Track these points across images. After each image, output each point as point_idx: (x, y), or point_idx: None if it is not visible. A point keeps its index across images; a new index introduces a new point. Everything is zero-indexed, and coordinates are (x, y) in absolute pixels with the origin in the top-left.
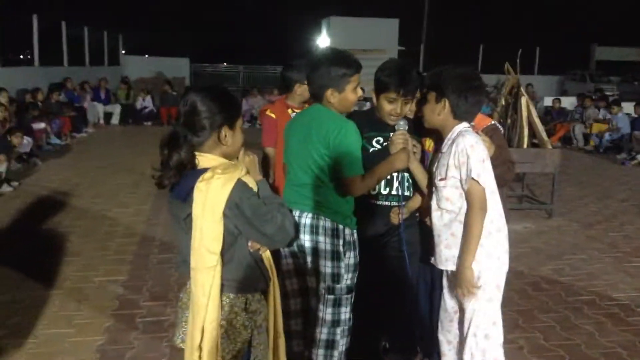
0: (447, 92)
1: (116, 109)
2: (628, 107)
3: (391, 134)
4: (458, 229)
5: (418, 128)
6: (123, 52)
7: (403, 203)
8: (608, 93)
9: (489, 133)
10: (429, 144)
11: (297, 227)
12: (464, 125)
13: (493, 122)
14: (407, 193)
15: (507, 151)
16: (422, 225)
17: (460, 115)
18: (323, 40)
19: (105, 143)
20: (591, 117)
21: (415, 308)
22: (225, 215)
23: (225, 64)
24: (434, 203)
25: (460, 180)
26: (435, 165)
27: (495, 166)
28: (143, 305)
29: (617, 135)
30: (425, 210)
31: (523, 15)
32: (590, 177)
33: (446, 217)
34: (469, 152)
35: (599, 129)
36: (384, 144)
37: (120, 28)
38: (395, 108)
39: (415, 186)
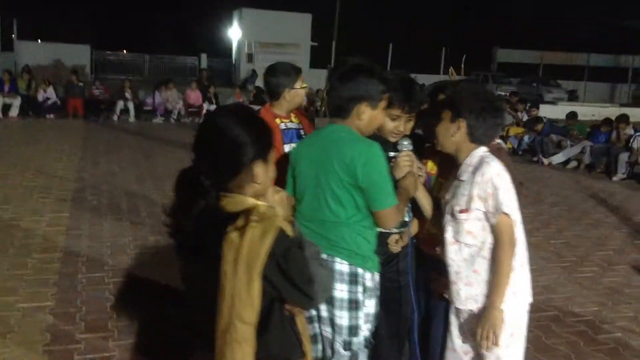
0: (464, 112)
1: (15, 101)
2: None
3: (391, 153)
4: (482, 265)
5: (417, 147)
6: (15, 36)
7: (403, 230)
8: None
9: (493, 153)
10: (431, 166)
11: None
12: (483, 149)
13: (497, 141)
14: (406, 218)
15: (514, 171)
16: (418, 251)
17: (477, 137)
18: (234, 32)
19: (4, 138)
20: (507, 120)
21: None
22: (264, 275)
23: (127, 51)
24: (449, 235)
25: (486, 213)
26: (451, 193)
27: None
28: (80, 338)
29: (532, 137)
30: (428, 238)
31: (430, 17)
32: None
33: (466, 251)
34: (496, 183)
35: (515, 132)
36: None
37: (13, 10)
38: (398, 125)
39: (413, 210)
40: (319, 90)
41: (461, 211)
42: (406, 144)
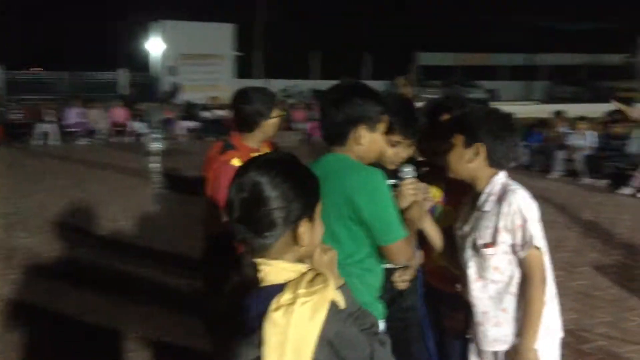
0: (481, 135)
1: None
2: None
3: (391, 181)
4: (510, 303)
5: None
6: None
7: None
8: (433, 96)
9: None
10: (435, 193)
11: None
12: (503, 175)
13: None
14: None
15: None
16: (427, 286)
17: (497, 162)
18: (154, 45)
19: None
20: None
21: None
22: (315, 359)
23: (45, 70)
24: (472, 272)
25: (514, 246)
26: (470, 225)
27: None
28: None
29: None
30: (437, 271)
31: (352, 23)
32: None
33: (492, 288)
34: (525, 214)
35: None
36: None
37: None
38: (399, 152)
39: (419, 240)
40: None
41: (486, 245)
42: (409, 171)
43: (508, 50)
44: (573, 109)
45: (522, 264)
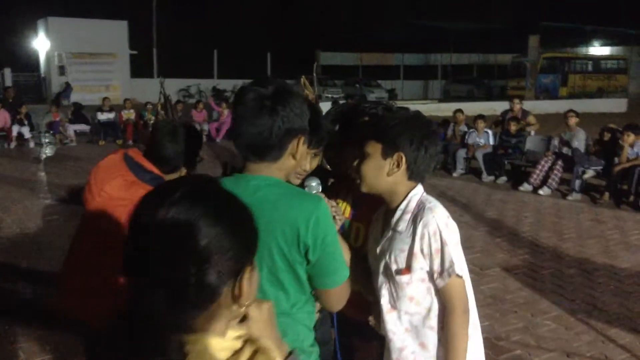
0: (402, 143)
1: None
2: None
3: None
4: (430, 337)
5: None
6: None
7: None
8: (335, 96)
9: None
10: (344, 206)
11: None
12: (420, 189)
13: None
14: None
15: None
16: (340, 315)
17: (418, 174)
18: (40, 43)
19: None
20: None
21: None
22: None
23: None
24: (384, 301)
25: (431, 272)
26: (382, 246)
27: None
28: None
29: None
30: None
31: (252, 21)
32: None
33: (408, 321)
34: (444, 236)
35: None
36: None
37: None
38: (303, 164)
39: None
40: (148, 103)
41: (401, 272)
42: (315, 185)
43: (406, 50)
44: (468, 107)
45: (442, 294)
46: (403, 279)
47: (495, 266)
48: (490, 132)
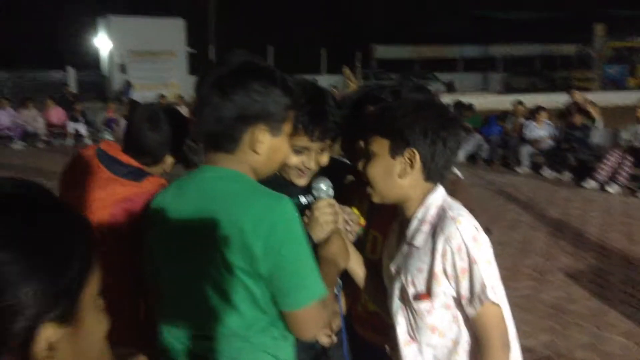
0: (414, 137)
1: None
2: None
3: (302, 199)
4: None
5: (337, 181)
6: None
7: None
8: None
9: (447, 188)
10: (358, 214)
11: None
12: (441, 193)
13: (452, 170)
14: (335, 291)
15: (476, 212)
16: (354, 337)
17: (436, 173)
18: (101, 41)
19: None
20: None
21: None
22: None
23: None
24: (401, 331)
25: (458, 298)
26: (397, 264)
27: None
28: None
29: None
30: (366, 318)
31: (307, 17)
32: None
33: (429, 354)
34: (472, 253)
35: None
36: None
37: None
38: (307, 161)
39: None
40: None
41: (419, 297)
42: (324, 188)
43: (464, 42)
44: (529, 100)
45: (474, 325)
46: (422, 305)
47: (558, 272)
48: (551, 124)
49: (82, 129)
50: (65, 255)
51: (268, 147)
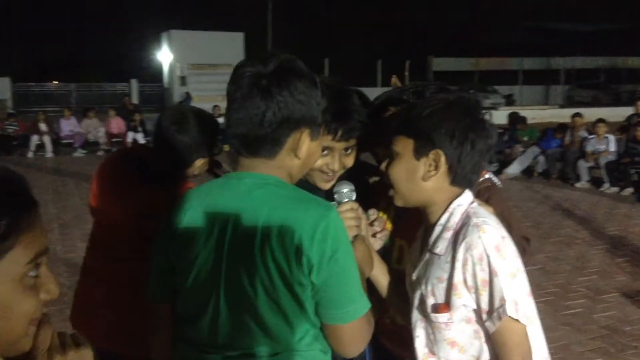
0: (440, 137)
1: None
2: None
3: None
4: None
5: (362, 184)
6: None
7: None
8: None
9: (482, 195)
10: (385, 219)
11: None
12: (468, 197)
13: (487, 176)
14: None
15: (516, 221)
16: (380, 350)
17: (461, 178)
18: (164, 55)
19: None
20: None
21: None
22: None
23: (56, 82)
24: (420, 345)
25: (479, 311)
26: (418, 272)
27: None
28: None
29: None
30: (393, 331)
31: (363, 30)
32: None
33: None
34: (494, 264)
35: None
36: None
37: None
38: (331, 162)
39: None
40: None
41: (438, 309)
42: (346, 191)
43: (525, 54)
44: (592, 113)
45: (493, 342)
46: (440, 318)
47: (614, 291)
48: (612, 137)
49: (140, 138)
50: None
51: (307, 151)
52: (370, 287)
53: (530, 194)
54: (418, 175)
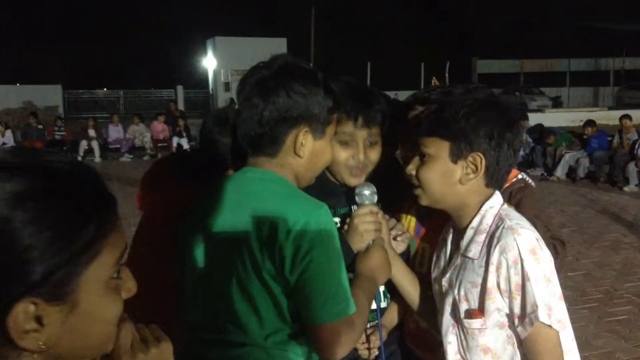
0: (479, 140)
1: None
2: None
3: (353, 207)
4: None
5: (388, 192)
6: None
7: (374, 322)
8: None
9: (515, 195)
10: (407, 222)
11: None
12: (498, 199)
13: (521, 176)
14: (383, 304)
15: (550, 221)
16: (406, 352)
17: (497, 179)
18: (209, 61)
19: None
20: None
21: None
22: None
23: (105, 89)
24: (451, 351)
25: (511, 316)
26: (449, 277)
27: None
28: None
29: (527, 150)
30: (418, 334)
31: (407, 33)
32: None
33: None
34: (527, 268)
35: None
36: (343, 230)
37: None
38: (355, 154)
39: (390, 289)
40: None
41: (472, 314)
42: (367, 193)
43: (572, 55)
44: None
45: (525, 347)
46: (474, 323)
47: None
48: None
49: (185, 143)
50: (61, 238)
51: (310, 150)
52: (394, 290)
53: (576, 198)
54: (455, 179)
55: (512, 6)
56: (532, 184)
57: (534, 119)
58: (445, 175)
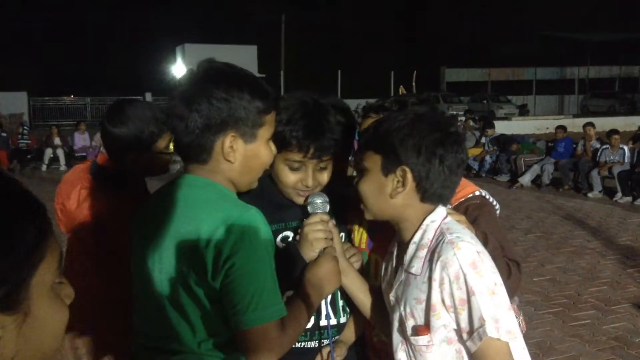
0: (405, 153)
1: None
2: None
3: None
4: None
5: (340, 202)
6: None
7: (334, 339)
8: (460, 112)
9: (472, 212)
10: (360, 234)
11: None
12: (439, 214)
13: (478, 192)
14: (342, 319)
15: (506, 241)
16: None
17: (433, 194)
18: (179, 69)
19: None
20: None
21: None
22: None
23: (72, 96)
24: None
25: (459, 331)
26: (395, 293)
27: None
28: None
29: (493, 157)
30: (380, 346)
31: (376, 42)
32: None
33: None
34: (470, 282)
35: (473, 153)
36: (295, 240)
37: None
38: (304, 178)
39: (350, 304)
40: None
41: (418, 331)
42: (319, 203)
43: (538, 64)
44: (607, 123)
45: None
46: (420, 340)
47: (624, 302)
48: (626, 148)
49: None
50: (5, 243)
51: (242, 154)
52: (354, 305)
53: (541, 204)
54: (386, 192)
55: (480, 16)
56: (491, 200)
57: (501, 126)
58: (378, 188)
